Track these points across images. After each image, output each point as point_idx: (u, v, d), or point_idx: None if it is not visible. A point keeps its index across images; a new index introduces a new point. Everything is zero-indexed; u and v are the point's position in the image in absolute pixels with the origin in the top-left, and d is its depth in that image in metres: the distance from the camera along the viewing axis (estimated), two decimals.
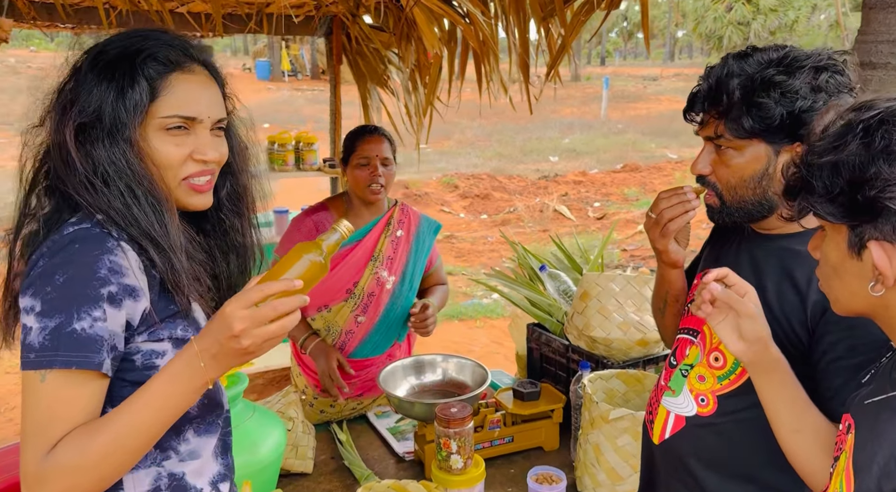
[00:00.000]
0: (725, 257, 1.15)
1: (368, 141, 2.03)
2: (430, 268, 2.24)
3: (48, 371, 0.81)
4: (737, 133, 1.01)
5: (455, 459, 1.50)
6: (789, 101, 0.97)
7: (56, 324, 0.81)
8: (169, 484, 0.95)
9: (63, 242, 0.85)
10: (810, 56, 1.00)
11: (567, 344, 1.91)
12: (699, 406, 1.11)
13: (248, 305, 0.81)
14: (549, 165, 11.77)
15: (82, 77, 0.90)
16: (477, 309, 5.25)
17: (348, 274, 2.04)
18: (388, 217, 2.10)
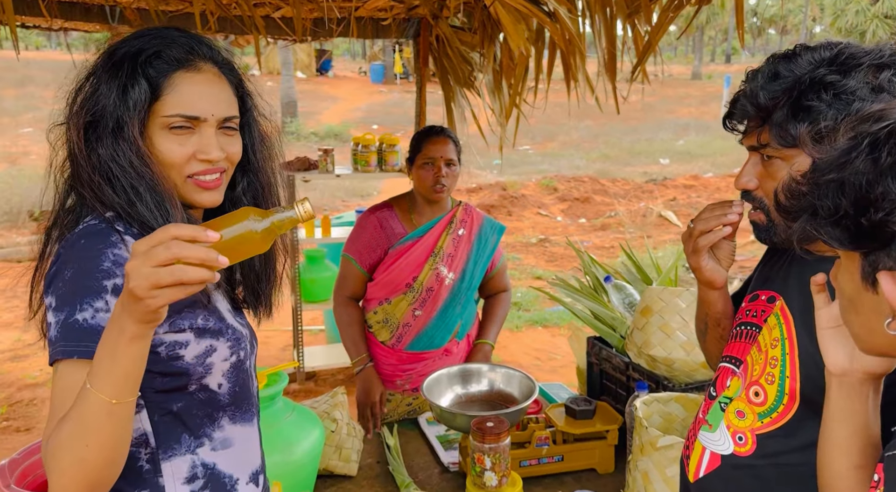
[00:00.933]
0: (775, 279, 1.02)
1: (434, 142, 2.06)
2: (491, 269, 2.23)
3: (58, 363, 0.84)
4: (783, 141, 0.89)
5: (489, 475, 1.44)
6: (844, 103, 0.84)
7: (63, 317, 0.84)
8: (205, 473, 0.97)
9: (73, 239, 0.89)
10: (869, 52, 0.86)
11: (627, 361, 1.79)
12: (736, 445, 0.98)
13: (150, 243, 0.71)
14: (658, 168, 11.24)
15: (95, 77, 0.93)
16: (563, 316, 5.09)
17: (409, 268, 2.08)
18: (451, 216, 2.13)
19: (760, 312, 1.02)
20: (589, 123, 14.90)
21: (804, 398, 0.91)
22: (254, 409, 1.06)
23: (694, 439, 1.07)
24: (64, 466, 0.79)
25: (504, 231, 2.25)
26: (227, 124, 0.98)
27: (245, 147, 1.04)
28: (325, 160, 3.50)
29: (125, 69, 0.91)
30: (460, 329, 2.17)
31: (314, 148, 3.68)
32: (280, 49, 15.49)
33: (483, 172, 10.65)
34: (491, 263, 2.21)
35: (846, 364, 0.78)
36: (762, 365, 0.97)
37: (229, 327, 1.00)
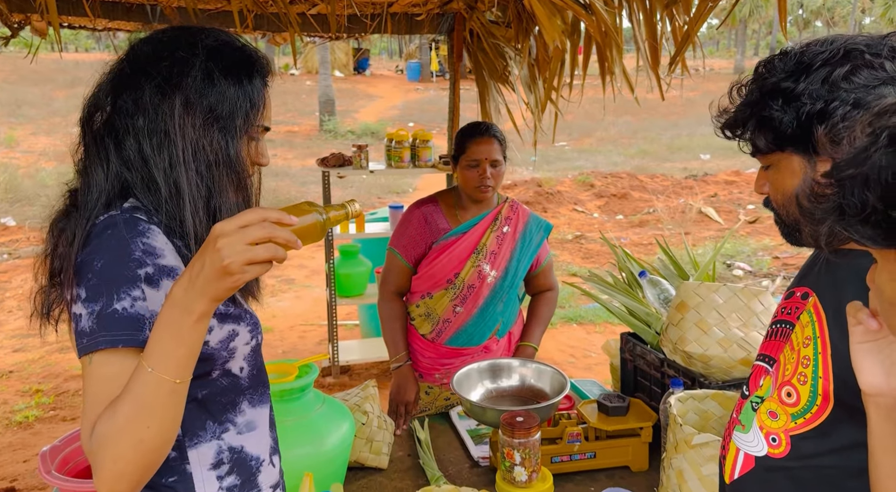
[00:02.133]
0: (809, 275, 0.99)
1: (478, 142, 2.04)
2: (536, 267, 2.20)
3: (94, 354, 0.85)
4: (761, 148, 0.93)
5: (518, 471, 1.42)
6: (794, 108, 0.87)
7: (99, 307, 0.85)
8: (231, 457, 0.98)
9: (97, 230, 0.90)
10: (825, 51, 0.86)
11: (662, 358, 1.75)
12: (770, 446, 0.94)
13: (239, 223, 0.76)
14: (698, 164, 11.00)
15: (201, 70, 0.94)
16: (598, 313, 5.02)
17: (451, 264, 2.08)
18: (496, 213, 2.12)
19: (794, 309, 0.98)
20: (627, 119, 14.67)
21: (838, 400, 0.87)
22: (267, 390, 1.08)
23: (729, 440, 1.04)
24: (122, 450, 0.81)
25: (551, 229, 2.22)
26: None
27: None
28: (359, 156, 3.52)
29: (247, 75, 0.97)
30: (501, 327, 2.16)
31: (350, 146, 3.72)
32: (318, 48, 15.68)
33: (519, 168, 10.58)
34: (536, 260, 2.19)
35: (883, 383, 0.73)
36: (794, 364, 0.93)
37: (247, 312, 1.02)
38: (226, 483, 0.97)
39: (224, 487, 0.97)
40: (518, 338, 2.23)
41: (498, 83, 3.56)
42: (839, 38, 0.89)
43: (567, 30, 3.03)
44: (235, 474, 0.99)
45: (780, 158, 0.92)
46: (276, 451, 1.09)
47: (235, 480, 0.99)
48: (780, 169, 0.93)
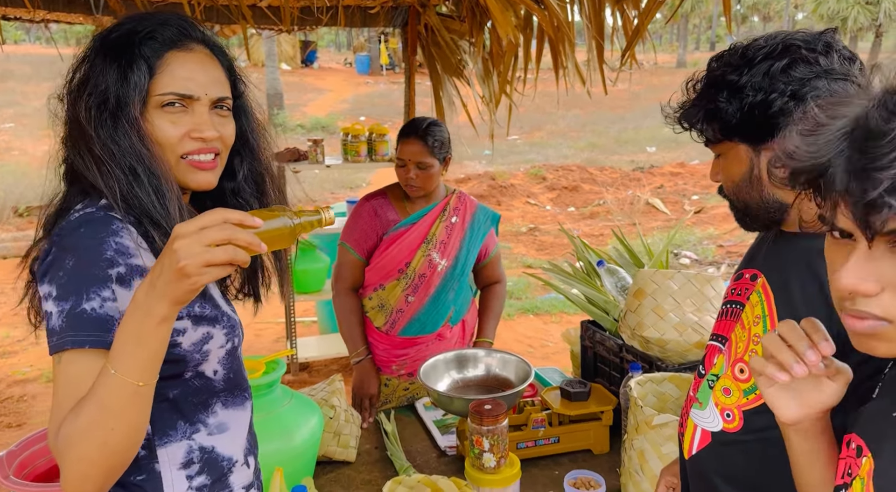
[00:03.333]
0: (757, 257, 1.06)
1: (406, 143, 2.07)
2: (484, 257, 2.24)
3: (62, 353, 0.83)
4: (710, 138, 0.99)
5: (487, 457, 1.45)
6: (738, 99, 0.93)
7: (69, 306, 0.84)
8: (201, 457, 0.97)
9: (70, 227, 0.88)
10: (766, 46, 0.93)
11: (621, 343, 1.81)
12: (725, 422, 1.00)
13: (198, 225, 0.74)
14: (645, 156, 11.30)
15: (91, 61, 0.93)
16: (554, 304, 5.12)
17: (401, 254, 2.11)
18: (445, 204, 2.15)
19: (744, 290, 1.04)
20: (577, 113, 14.93)
21: None
22: (246, 393, 1.07)
23: (686, 417, 1.09)
24: (85, 451, 0.80)
25: (499, 220, 2.26)
26: (221, 104, 0.98)
27: (242, 132, 1.04)
28: (314, 151, 3.49)
29: (123, 50, 0.91)
30: (454, 315, 2.19)
31: (302, 140, 3.68)
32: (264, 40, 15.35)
33: (472, 162, 10.64)
34: (483, 250, 2.22)
35: (799, 414, 0.76)
36: (745, 342, 0.99)
37: (224, 315, 1.01)
38: (196, 483, 0.96)
39: (194, 486, 0.96)
40: (472, 326, 2.28)
41: (452, 77, 3.58)
42: (780, 35, 0.95)
43: (520, 24, 3.07)
44: (206, 474, 0.98)
45: (728, 147, 0.98)
46: (251, 452, 1.08)
47: (206, 480, 0.98)
48: (729, 158, 0.99)
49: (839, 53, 0.92)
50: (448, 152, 2.13)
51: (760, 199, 0.97)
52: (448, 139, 2.14)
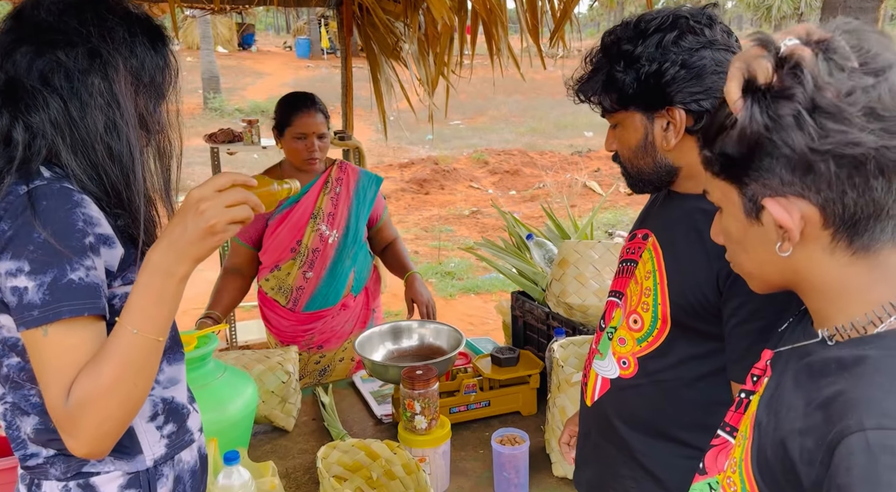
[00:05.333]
0: (647, 218, 1.15)
1: (304, 116, 2.08)
2: (376, 221, 2.28)
3: (51, 324, 0.84)
4: (607, 108, 1.05)
5: (419, 419, 1.52)
6: (634, 69, 0.99)
7: (52, 278, 0.84)
8: (164, 408, 1.03)
9: (22, 202, 0.87)
10: (657, 18, 1.00)
11: (548, 311, 1.90)
12: (621, 369, 1.10)
13: (214, 188, 0.86)
14: (583, 141, 11.56)
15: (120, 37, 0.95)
16: (494, 283, 5.24)
17: (290, 233, 2.14)
18: (326, 176, 2.19)
19: (637, 248, 1.14)
20: (518, 98, 15.10)
21: (674, 321, 1.03)
22: (181, 348, 1.12)
23: (589, 368, 1.19)
24: (111, 410, 0.85)
25: (381, 182, 2.27)
26: None
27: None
28: (249, 132, 3.45)
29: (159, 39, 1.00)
30: (354, 283, 2.22)
31: (239, 124, 3.62)
32: (199, 22, 14.85)
33: (415, 147, 10.66)
34: (373, 214, 2.25)
35: None
36: (638, 295, 1.08)
37: None
38: (165, 431, 1.03)
39: (164, 434, 1.03)
40: (376, 293, 2.32)
41: (390, 59, 3.59)
42: (668, 9, 1.02)
43: (454, 6, 3.12)
44: (172, 423, 1.04)
45: (624, 116, 1.04)
46: (193, 400, 1.15)
47: (173, 427, 1.04)
48: (626, 126, 1.05)
49: (720, 26, 1.00)
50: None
51: (654, 163, 1.05)
52: None
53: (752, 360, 0.83)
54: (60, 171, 0.93)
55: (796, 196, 0.64)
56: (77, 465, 0.96)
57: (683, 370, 1.03)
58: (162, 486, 1.02)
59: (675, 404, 1.04)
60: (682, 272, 1.01)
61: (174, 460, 1.05)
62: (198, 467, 1.11)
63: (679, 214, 1.06)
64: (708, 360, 1.01)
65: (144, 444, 1.00)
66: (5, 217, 0.86)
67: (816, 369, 0.67)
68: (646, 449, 1.08)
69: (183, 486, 1.06)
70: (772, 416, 0.70)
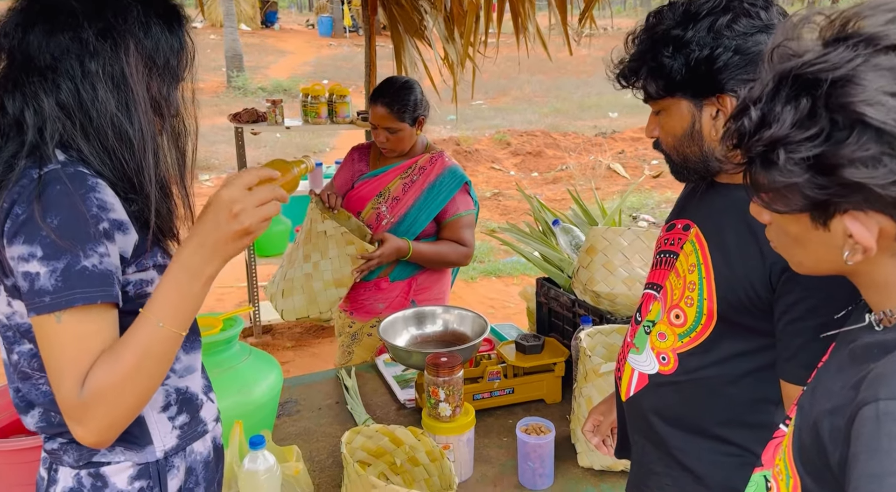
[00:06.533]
0: (689, 208, 1.10)
1: (374, 107, 2.13)
2: (443, 218, 2.22)
3: (64, 311, 0.83)
4: (652, 94, 1.00)
5: (443, 406, 1.51)
6: (683, 55, 0.94)
7: (65, 264, 0.83)
8: (178, 398, 1.02)
9: (35, 186, 0.85)
10: (708, 2, 0.94)
11: (574, 299, 1.87)
12: (660, 364, 1.06)
13: (243, 186, 0.86)
14: (607, 122, 11.38)
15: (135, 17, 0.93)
16: (516, 266, 5.20)
17: (358, 203, 2.22)
18: (412, 163, 2.20)
19: (677, 239, 1.09)
20: (541, 78, 14.89)
21: (720, 317, 1.00)
22: (197, 336, 1.11)
23: (624, 362, 1.15)
24: (125, 399, 0.85)
25: (464, 183, 2.21)
26: None
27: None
28: (273, 112, 3.43)
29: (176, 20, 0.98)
30: (396, 271, 2.19)
31: (263, 103, 3.60)
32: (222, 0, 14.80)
33: (436, 127, 10.58)
34: (443, 211, 2.20)
35: None
36: (681, 289, 1.04)
37: None
38: (178, 422, 1.02)
39: (176, 425, 1.02)
40: (425, 286, 2.25)
41: (414, 38, 3.54)
42: None
43: None
44: (185, 413, 1.03)
45: (670, 103, 1.00)
46: (210, 389, 1.14)
47: (185, 417, 1.03)
48: (671, 113, 1.00)
49: (776, 8, 0.95)
50: (421, 112, 2.15)
51: (700, 152, 1.00)
52: (419, 99, 2.15)
53: (805, 358, 0.80)
54: (77, 154, 0.91)
55: (877, 211, 0.61)
56: (88, 454, 0.96)
57: (728, 367, 1.00)
58: (173, 477, 1.01)
59: (716, 401, 1.01)
60: (731, 267, 0.97)
61: (186, 451, 1.03)
62: (211, 458, 1.09)
63: (726, 205, 1.02)
64: (755, 356, 0.98)
65: (155, 435, 0.99)
66: (19, 201, 0.85)
67: (859, 354, 0.66)
68: (684, 446, 1.05)
69: (195, 477, 1.05)
70: (811, 400, 0.69)
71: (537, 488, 1.49)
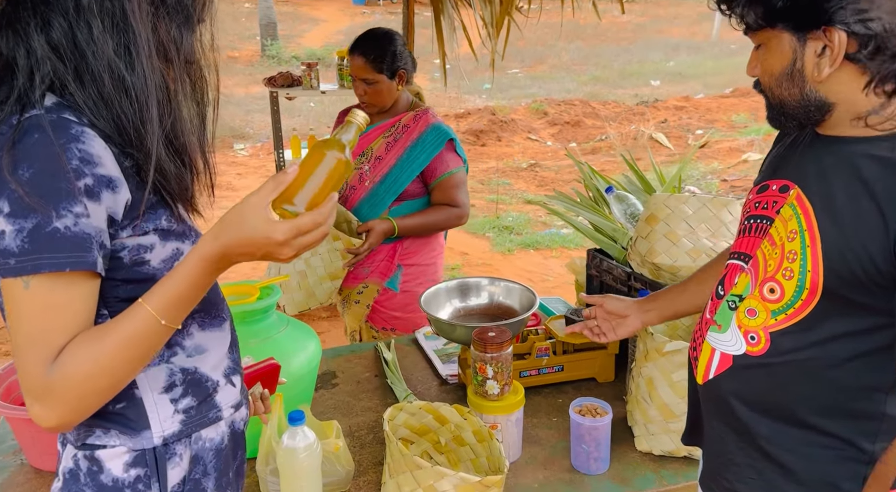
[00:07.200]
0: (787, 167, 0.96)
1: (351, 59, 2.06)
2: (431, 178, 2.10)
3: (32, 277, 0.74)
4: (751, 24, 0.88)
5: (491, 384, 1.41)
6: None
7: (33, 224, 0.74)
8: (183, 379, 0.91)
9: (13, 132, 0.75)
10: None
11: (629, 272, 1.75)
12: (749, 344, 0.94)
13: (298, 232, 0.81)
14: (649, 90, 10.99)
15: None
16: (554, 239, 5.06)
17: None
18: (395, 121, 2.12)
19: (771, 203, 0.96)
20: (579, 45, 14.45)
21: (826, 291, 0.87)
22: (223, 314, 1.00)
23: (702, 341, 1.03)
24: (98, 386, 0.78)
25: (448, 140, 2.08)
26: None
27: None
28: (308, 75, 3.33)
29: None
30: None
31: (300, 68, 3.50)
32: None
33: (471, 96, 10.36)
34: (428, 171, 2.08)
35: None
36: (777, 260, 0.92)
37: (191, 229, 0.93)
38: (181, 405, 0.91)
39: (180, 409, 0.90)
40: (409, 250, 2.16)
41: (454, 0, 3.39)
42: None
43: None
44: (191, 396, 0.92)
45: (770, 36, 0.88)
46: (235, 371, 1.01)
47: (192, 401, 0.92)
48: (770, 48, 0.89)
49: None
50: (401, 65, 2.05)
51: (801, 96, 0.88)
52: (400, 51, 2.05)
53: None
54: (71, 101, 0.80)
55: None
56: (84, 434, 0.88)
57: (832, 349, 0.87)
58: (174, 466, 0.89)
59: (815, 386, 0.89)
60: (844, 234, 0.84)
61: (192, 437, 0.92)
62: (225, 445, 0.97)
63: (834, 162, 0.88)
64: (865, 338, 0.85)
65: (153, 418, 0.88)
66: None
67: None
68: (773, 436, 0.93)
69: (203, 466, 0.93)
70: None
71: (591, 472, 1.39)
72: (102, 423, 0.87)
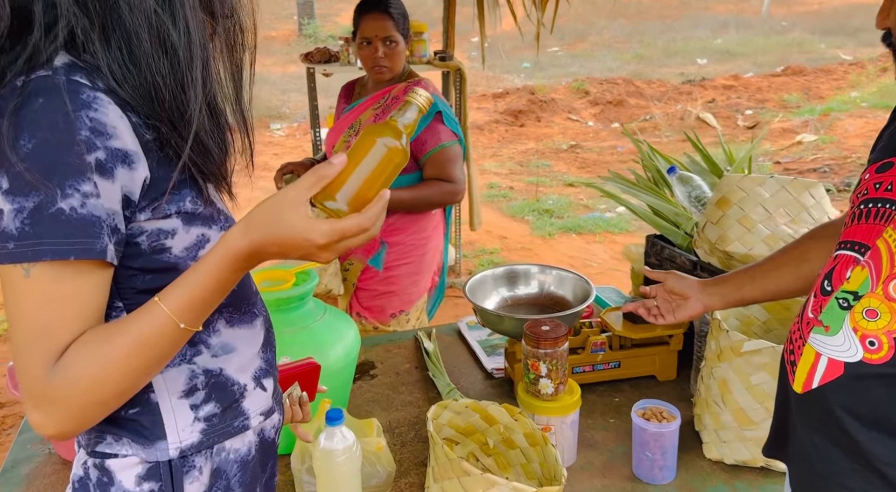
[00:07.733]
0: None
1: (369, 18, 1.93)
2: (421, 153, 1.95)
3: (33, 265, 0.64)
4: None
5: (544, 383, 1.29)
6: None
7: (35, 204, 0.63)
8: (206, 382, 0.80)
9: (14, 96, 0.65)
10: None
11: (695, 260, 1.59)
12: (867, 351, 0.79)
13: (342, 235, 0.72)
14: (695, 69, 10.58)
15: None
16: (598, 223, 4.87)
17: (333, 138, 2.11)
18: (386, 92, 2.02)
19: None
20: (622, 22, 14.00)
21: None
22: (255, 309, 0.88)
23: (802, 344, 0.89)
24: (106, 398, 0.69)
25: (436, 112, 1.94)
26: None
27: None
28: (346, 51, 3.21)
29: None
30: None
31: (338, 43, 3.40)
32: None
33: (509, 75, 10.12)
34: (418, 143, 1.93)
35: None
36: None
37: (221, 213, 0.81)
38: (203, 413, 0.80)
39: (201, 417, 0.80)
40: (395, 226, 2.03)
41: None
42: None
43: None
44: (214, 402, 0.81)
45: None
46: (268, 374, 0.90)
47: (215, 408, 0.81)
48: None
49: None
50: (409, 29, 2.01)
51: None
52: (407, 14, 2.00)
53: None
54: (91, 59, 0.68)
55: None
56: (95, 440, 0.78)
57: None
58: (192, 481, 0.79)
59: None
60: None
61: (213, 449, 0.81)
62: (253, 456, 0.86)
63: None
64: None
65: (170, 426, 0.78)
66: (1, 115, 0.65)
67: None
68: (892, 459, 0.79)
69: (226, 481, 0.82)
70: None
71: (656, 481, 1.26)
72: (114, 429, 0.77)
